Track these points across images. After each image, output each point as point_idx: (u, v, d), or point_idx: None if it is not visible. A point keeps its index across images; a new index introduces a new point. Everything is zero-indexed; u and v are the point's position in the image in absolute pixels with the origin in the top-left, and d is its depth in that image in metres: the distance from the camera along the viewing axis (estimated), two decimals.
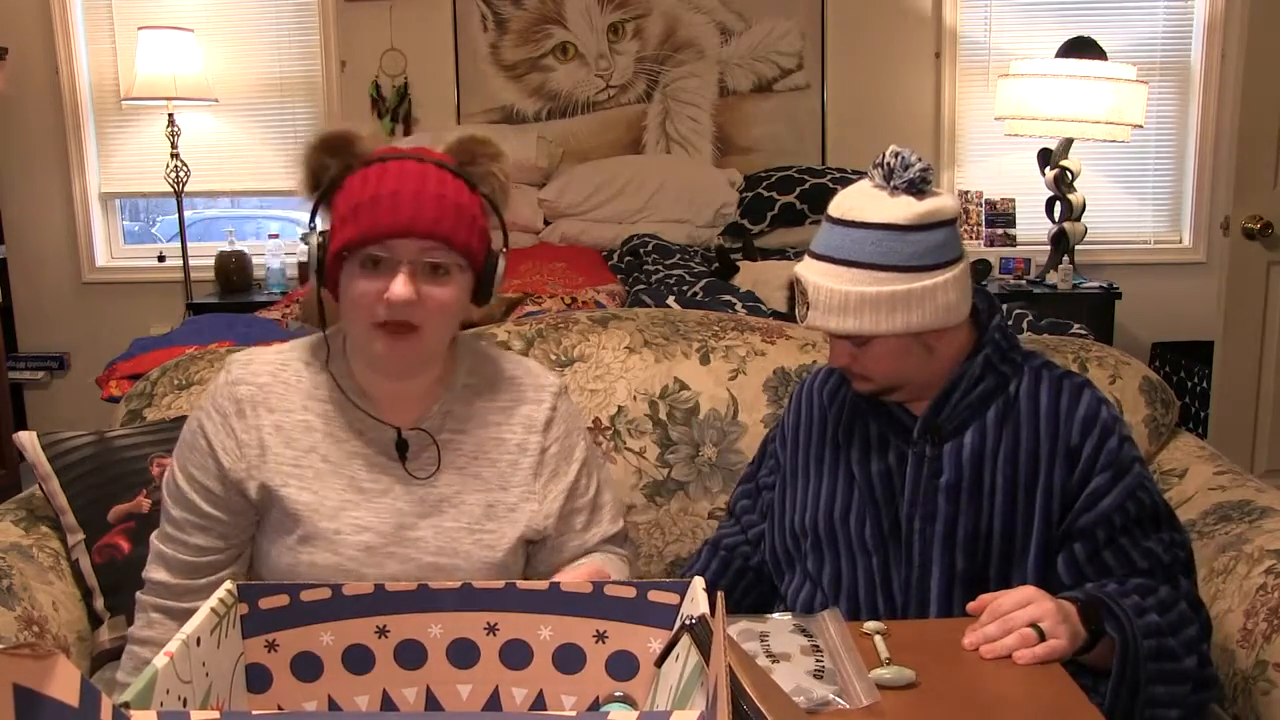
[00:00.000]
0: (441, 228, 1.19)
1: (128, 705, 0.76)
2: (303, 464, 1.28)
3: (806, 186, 3.84)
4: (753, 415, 1.83)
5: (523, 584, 1.02)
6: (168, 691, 0.83)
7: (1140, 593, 1.27)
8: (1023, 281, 3.85)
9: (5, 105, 4.14)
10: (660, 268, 3.28)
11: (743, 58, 4.17)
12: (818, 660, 1.14)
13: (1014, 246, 4.08)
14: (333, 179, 1.24)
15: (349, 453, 1.30)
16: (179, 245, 4.15)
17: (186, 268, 4.10)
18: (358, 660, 1.02)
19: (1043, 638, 1.17)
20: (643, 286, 3.09)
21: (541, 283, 3.02)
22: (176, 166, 4.03)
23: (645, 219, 3.84)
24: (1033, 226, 4.03)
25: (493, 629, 1.02)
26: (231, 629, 0.98)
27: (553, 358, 1.86)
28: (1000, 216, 4.11)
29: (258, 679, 1.01)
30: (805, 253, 1.38)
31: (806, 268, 1.35)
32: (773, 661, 1.14)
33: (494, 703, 1.03)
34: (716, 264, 3.27)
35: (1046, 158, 3.77)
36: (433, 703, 1.02)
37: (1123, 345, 3.00)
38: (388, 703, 1.03)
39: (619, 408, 1.84)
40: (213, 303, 4.04)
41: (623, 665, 1.03)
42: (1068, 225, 3.77)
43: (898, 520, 1.38)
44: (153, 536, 1.33)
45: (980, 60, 4.11)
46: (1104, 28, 3.91)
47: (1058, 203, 3.81)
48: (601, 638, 1.02)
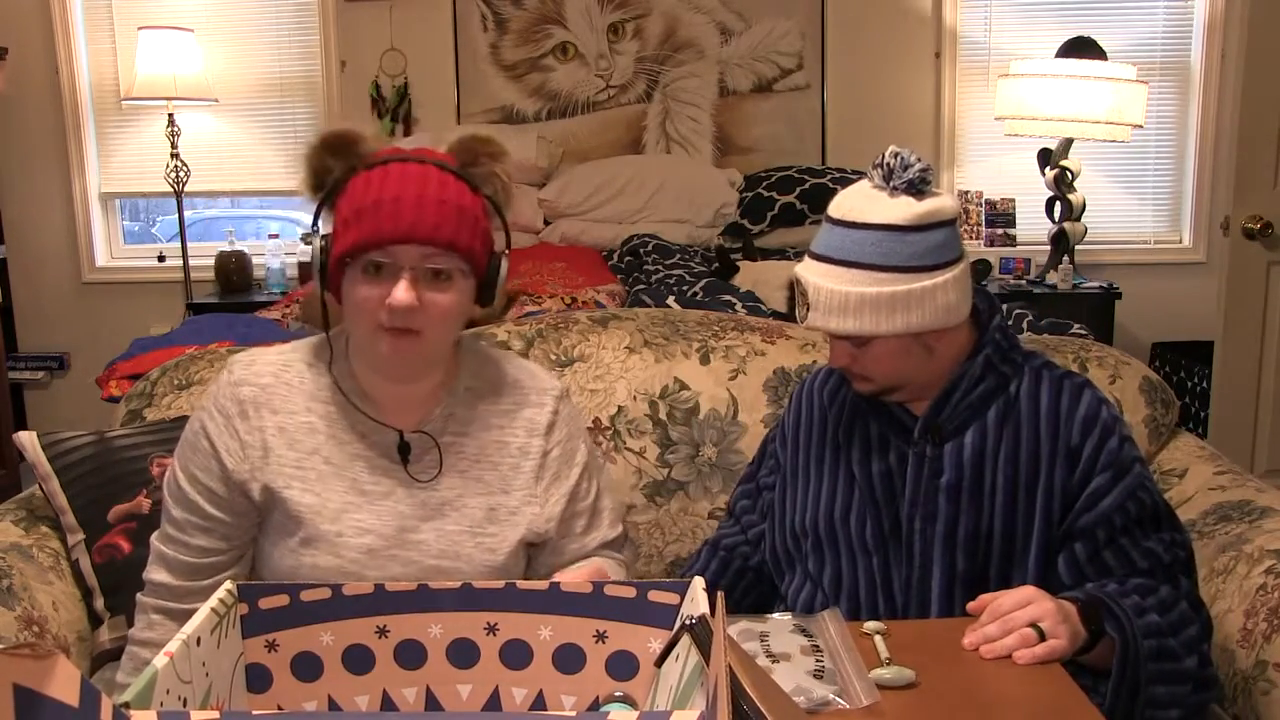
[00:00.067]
0: (443, 233, 1.18)
1: (128, 705, 0.76)
2: (305, 466, 1.28)
3: (806, 186, 3.84)
4: (753, 415, 1.83)
5: (523, 584, 1.02)
6: (168, 691, 0.83)
7: (1140, 593, 1.27)
8: (1023, 281, 3.85)
9: (5, 105, 4.14)
10: (660, 268, 3.28)
11: (743, 58, 4.17)
12: (818, 660, 1.14)
13: (1014, 246, 4.08)
14: (336, 181, 1.23)
15: (351, 455, 1.29)
16: (179, 245, 4.16)
17: (186, 268, 4.10)
18: (358, 660, 1.02)
19: (1043, 638, 1.17)
20: (643, 286, 3.09)
21: (541, 283, 3.02)
22: (176, 166, 4.03)
23: (645, 219, 3.84)
24: (1033, 226, 4.03)
25: (493, 629, 1.02)
26: (231, 629, 0.98)
27: (553, 358, 1.86)
28: (1000, 216, 4.11)
29: (258, 679, 1.01)
30: (805, 253, 1.38)
31: (806, 268, 1.35)
32: (773, 661, 1.14)
33: (494, 703, 1.03)
34: (716, 264, 3.27)
35: (1046, 158, 3.77)
36: (433, 703, 1.02)
37: (1123, 345, 3.00)
38: (388, 703, 1.03)
39: (619, 408, 1.83)
40: (213, 303, 4.04)
41: (623, 665, 1.03)
42: (1068, 225, 3.77)
43: (898, 520, 1.38)
44: (153, 537, 1.33)
45: (980, 60, 4.11)
46: (1104, 28, 3.91)
47: (1058, 203, 3.81)
48: (601, 638, 1.02)
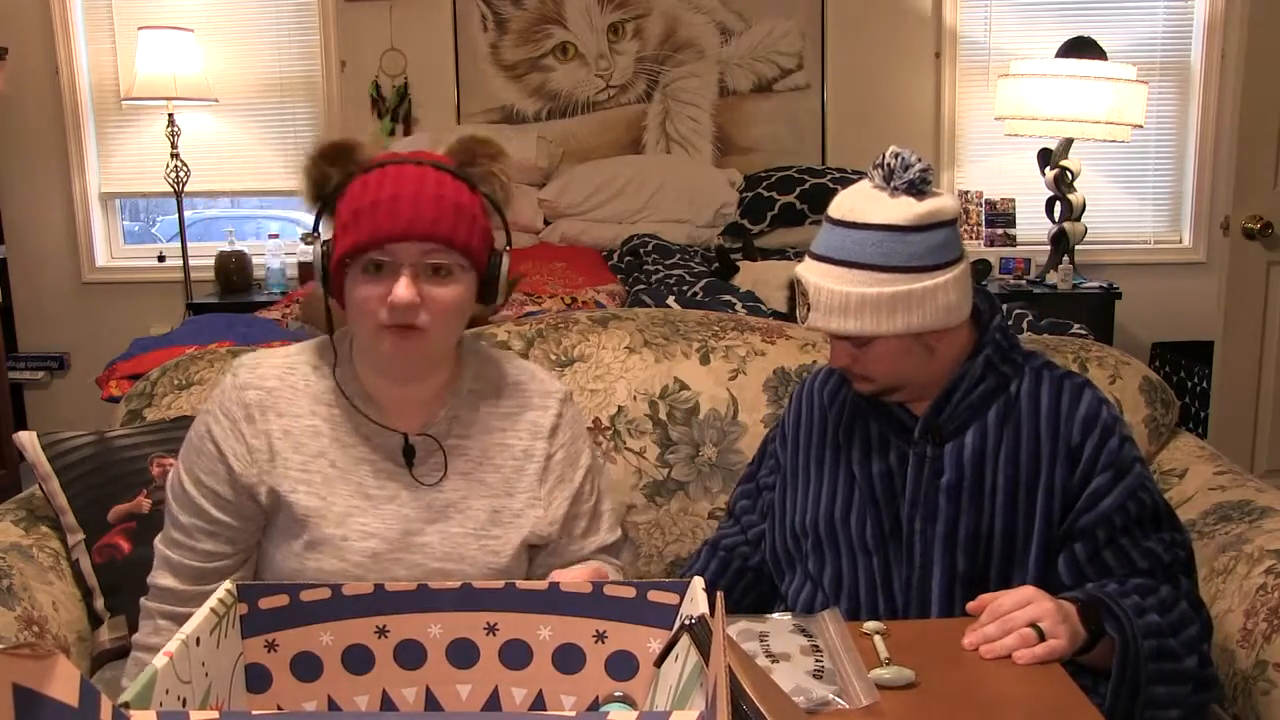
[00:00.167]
0: (440, 229, 1.19)
1: (127, 705, 0.76)
2: (311, 469, 1.28)
3: (806, 186, 3.84)
4: (753, 415, 1.83)
5: (522, 584, 1.02)
6: (167, 691, 0.83)
7: (1140, 593, 1.27)
8: (1023, 281, 3.85)
9: (5, 105, 4.14)
10: (660, 268, 3.28)
11: (743, 58, 4.17)
12: (817, 660, 1.14)
13: (1014, 246, 4.08)
14: (335, 187, 1.24)
15: (356, 458, 1.29)
16: (179, 245, 4.16)
17: (186, 268, 4.10)
18: (357, 660, 1.02)
19: (1042, 638, 1.17)
20: (643, 286, 3.09)
21: (541, 283, 3.02)
22: (176, 166, 4.03)
23: (645, 219, 3.84)
24: (1033, 226, 4.03)
25: (492, 629, 1.02)
26: (231, 629, 0.98)
27: (553, 358, 1.86)
28: (1000, 216, 4.11)
29: (257, 679, 1.01)
30: (806, 253, 1.38)
31: (807, 268, 1.35)
32: (772, 661, 1.14)
33: (494, 703, 1.03)
34: (716, 264, 3.27)
35: (1046, 158, 3.77)
36: (432, 703, 1.02)
37: (1123, 345, 3.00)
38: (387, 703, 1.03)
39: (619, 408, 1.83)
40: (213, 303, 4.04)
41: (622, 665, 1.03)
42: (1068, 225, 3.77)
43: (898, 520, 1.38)
44: (157, 542, 1.32)
45: (980, 60, 4.11)
46: (1104, 28, 3.91)
47: (1058, 203, 3.81)
48: (601, 638, 1.02)
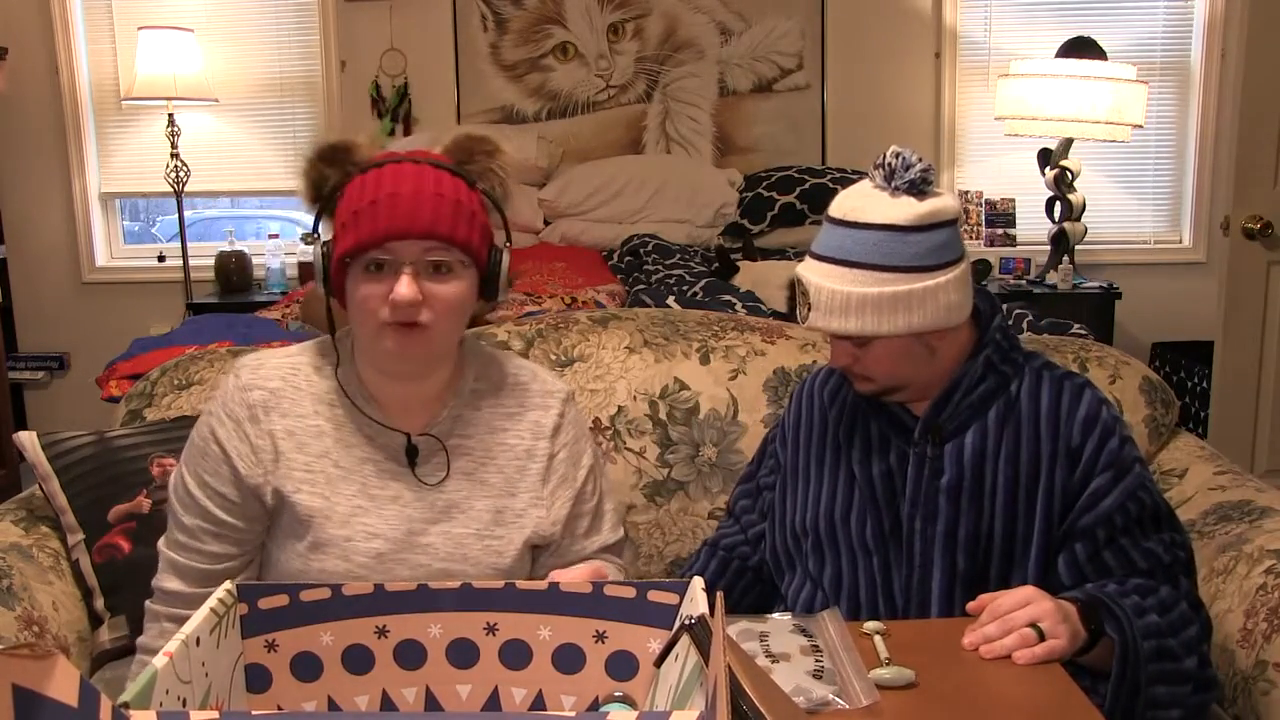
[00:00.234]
0: (440, 226, 1.19)
1: (127, 705, 0.76)
2: (315, 469, 1.28)
3: (806, 186, 3.84)
4: (753, 415, 1.83)
5: (522, 584, 1.02)
6: (167, 691, 0.82)
7: (1140, 593, 1.27)
8: (1023, 281, 3.85)
9: (5, 105, 4.14)
10: (660, 268, 3.28)
11: (743, 58, 4.17)
12: (817, 660, 1.14)
13: (1014, 246, 4.08)
14: (333, 188, 1.24)
15: (359, 458, 1.29)
16: (179, 245, 4.16)
17: (186, 268, 4.10)
18: (357, 660, 1.02)
19: (1042, 638, 1.17)
20: (643, 286, 3.09)
21: (541, 283, 3.02)
22: (176, 166, 4.03)
23: (645, 219, 3.84)
24: (1033, 226, 4.03)
25: (492, 629, 1.02)
26: (231, 629, 0.98)
27: (553, 358, 1.86)
28: (1000, 216, 4.11)
29: (257, 679, 1.01)
30: (806, 253, 1.37)
31: (808, 268, 1.35)
32: (772, 661, 1.14)
33: (494, 703, 1.03)
34: (716, 264, 3.27)
35: (1046, 158, 3.77)
36: (432, 703, 1.02)
37: (1123, 345, 3.00)
38: (387, 703, 1.03)
39: (619, 408, 1.83)
40: (213, 303, 4.04)
41: (622, 665, 1.03)
42: (1068, 225, 3.77)
43: (899, 521, 1.38)
44: (161, 545, 1.31)
45: (980, 60, 4.11)
46: (1104, 28, 3.91)
47: (1058, 203, 3.81)
48: (601, 638, 1.02)
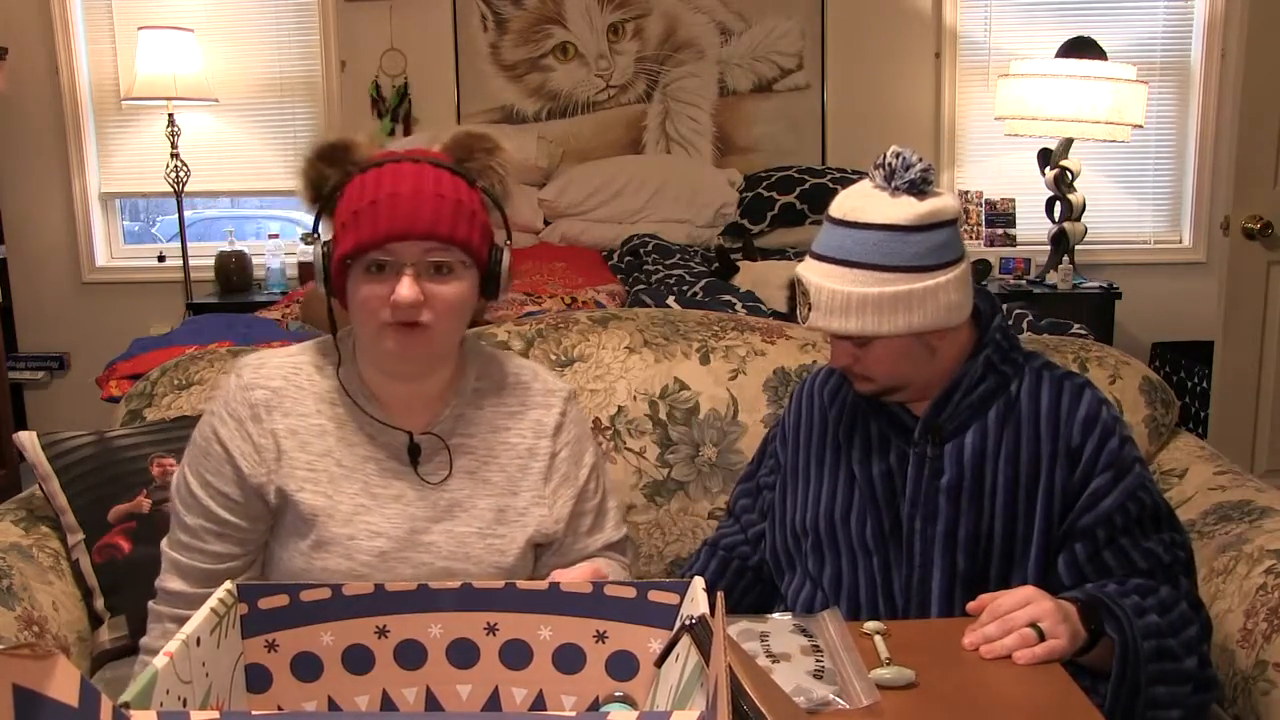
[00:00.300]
0: (440, 227, 1.19)
1: (128, 705, 0.76)
2: (317, 468, 1.28)
3: (806, 186, 3.84)
4: (753, 415, 1.83)
5: (523, 584, 1.02)
6: (168, 691, 0.82)
7: (1140, 593, 1.27)
8: (1023, 281, 3.85)
9: (5, 105, 4.14)
10: (660, 268, 3.28)
11: (743, 58, 4.17)
12: (818, 660, 1.14)
13: (1014, 246, 4.08)
14: (333, 188, 1.24)
15: (362, 457, 1.29)
16: (179, 245, 4.16)
17: (186, 268, 4.10)
18: (358, 660, 1.02)
19: (1042, 638, 1.17)
20: (643, 286, 3.09)
21: (541, 283, 3.02)
22: (176, 166, 4.03)
23: (645, 219, 3.84)
24: (1033, 226, 4.03)
25: (493, 629, 1.02)
26: (231, 629, 0.98)
27: (553, 358, 1.86)
28: (1000, 216, 4.11)
29: (258, 679, 1.01)
30: (806, 253, 1.37)
31: (808, 268, 1.35)
32: (773, 661, 1.14)
33: (494, 703, 1.03)
34: (716, 264, 3.27)
35: (1046, 158, 3.77)
36: (433, 703, 1.02)
37: (1123, 345, 3.00)
38: (388, 703, 1.03)
39: (619, 408, 1.83)
40: (213, 303, 4.04)
41: (623, 665, 1.03)
42: (1068, 225, 3.77)
43: (898, 521, 1.38)
44: (163, 545, 1.31)
45: (980, 60, 4.11)
46: (1104, 28, 3.91)
47: (1058, 203, 3.81)
48: (601, 638, 1.02)
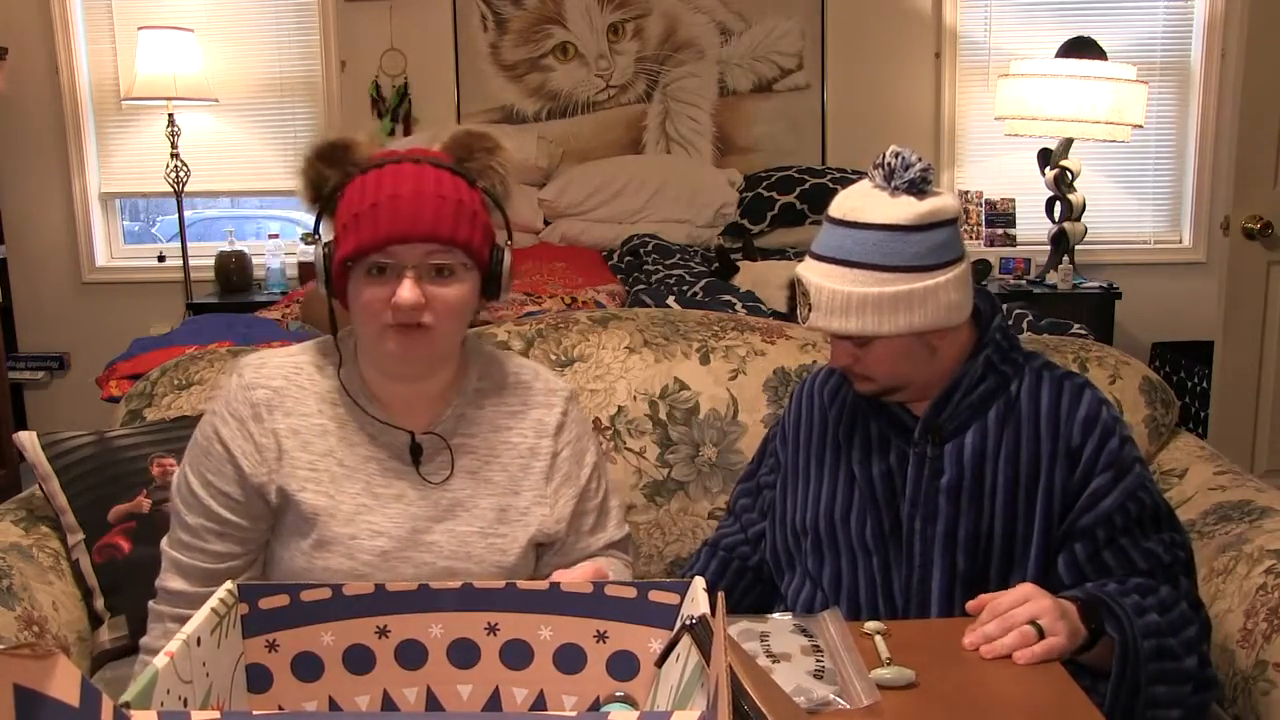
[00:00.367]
0: (442, 229, 1.18)
1: (128, 705, 0.76)
2: (319, 468, 1.27)
3: (806, 186, 3.84)
4: (753, 415, 1.83)
5: (523, 584, 1.02)
6: (168, 691, 0.82)
7: (1140, 592, 1.27)
8: (1023, 281, 3.85)
9: (5, 105, 4.13)
10: (660, 268, 3.28)
11: (743, 58, 4.17)
12: (818, 660, 1.14)
13: (1014, 246, 4.08)
14: (333, 188, 1.24)
15: (363, 457, 1.29)
16: (179, 245, 4.16)
17: (186, 268, 4.10)
18: (358, 660, 1.02)
19: (1041, 635, 1.17)
20: (643, 286, 3.09)
21: (541, 283, 3.02)
22: (176, 166, 4.03)
23: (645, 219, 3.84)
24: (1033, 226, 4.03)
25: (493, 629, 1.02)
26: (232, 629, 0.98)
27: (553, 358, 1.86)
28: (1000, 216, 4.11)
29: (258, 679, 1.01)
30: (806, 253, 1.37)
31: (808, 269, 1.35)
32: (773, 661, 1.14)
33: (494, 703, 1.03)
34: (716, 264, 3.27)
35: (1046, 158, 3.77)
36: (433, 703, 1.02)
37: (1123, 345, 3.00)
38: (388, 703, 1.03)
39: (619, 408, 1.83)
40: (213, 303, 4.04)
41: (623, 665, 1.03)
42: (1068, 225, 3.77)
43: (898, 521, 1.38)
44: (164, 545, 1.31)
45: (980, 60, 4.11)
46: (1104, 28, 3.91)
47: (1058, 203, 3.81)
48: (602, 638, 1.02)
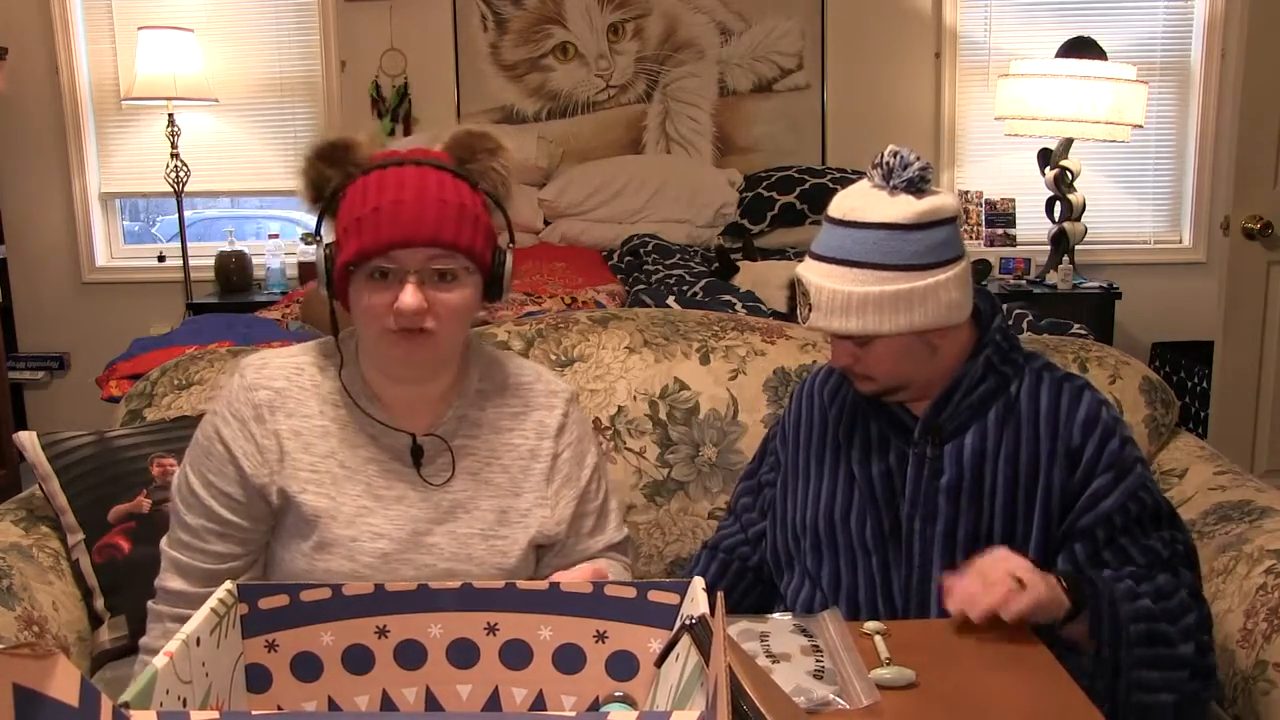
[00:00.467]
0: (444, 234, 1.18)
1: (128, 705, 0.76)
2: (320, 469, 1.27)
3: (806, 186, 3.84)
4: (753, 415, 1.83)
5: (523, 584, 1.02)
6: (168, 691, 0.82)
7: (1135, 579, 1.28)
8: (1023, 281, 3.85)
9: (5, 105, 4.13)
10: (660, 268, 3.28)
11: (743, 58, 4.17)
12: (818, 660, 1.14)
13: (1014, 246, 4.08)
14: (334, 190, 1.23)
15: (364, 458, 1.29)
16: (179, 245, 4.15)
17: (186, 268, 4.10)
18: (358, 660, 1.02)
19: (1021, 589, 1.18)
20: (643, 286, 3.09)
21: (541, 283, 3.02)
22: (176, 166, 4.03)
23: (645, 219, 3.84)
24: (1033, 226, 4.03)
25: (493, 629, 1.02)
26: (231, 629, 0.98)
27: (553, 358, 1.86)
28: (1000, 216, 4.11)
29: (258, 679, 1.01)
30: (806, 253, 1.37)
31: (808, 268, 1.35)
32: (773, 661, 1.14)
33: (494, 703, 1.03)
34: (716, 264, 3.27)
35: (1046, 158, 3.77)
36: (433, 703, 1.02)
37: (1123, 345, 3.00)
38: (388, 703, 1.03)
39: (619, 408, 1.83)
40: (213, 303, 4.04)
41: (623, 665, 1.03)
42: (1068, 225, 3.77)
43: (898, 521, 1.38)
44: (164, 545, 1.31)
45: (980, 60, 4.11)
46: (1104, 28, 3.91)
47: (1058, 203, 3.81)
48: (601, 638, 1.02)
